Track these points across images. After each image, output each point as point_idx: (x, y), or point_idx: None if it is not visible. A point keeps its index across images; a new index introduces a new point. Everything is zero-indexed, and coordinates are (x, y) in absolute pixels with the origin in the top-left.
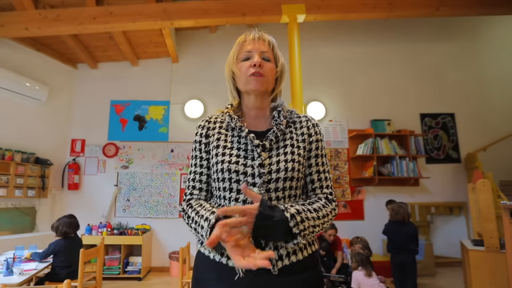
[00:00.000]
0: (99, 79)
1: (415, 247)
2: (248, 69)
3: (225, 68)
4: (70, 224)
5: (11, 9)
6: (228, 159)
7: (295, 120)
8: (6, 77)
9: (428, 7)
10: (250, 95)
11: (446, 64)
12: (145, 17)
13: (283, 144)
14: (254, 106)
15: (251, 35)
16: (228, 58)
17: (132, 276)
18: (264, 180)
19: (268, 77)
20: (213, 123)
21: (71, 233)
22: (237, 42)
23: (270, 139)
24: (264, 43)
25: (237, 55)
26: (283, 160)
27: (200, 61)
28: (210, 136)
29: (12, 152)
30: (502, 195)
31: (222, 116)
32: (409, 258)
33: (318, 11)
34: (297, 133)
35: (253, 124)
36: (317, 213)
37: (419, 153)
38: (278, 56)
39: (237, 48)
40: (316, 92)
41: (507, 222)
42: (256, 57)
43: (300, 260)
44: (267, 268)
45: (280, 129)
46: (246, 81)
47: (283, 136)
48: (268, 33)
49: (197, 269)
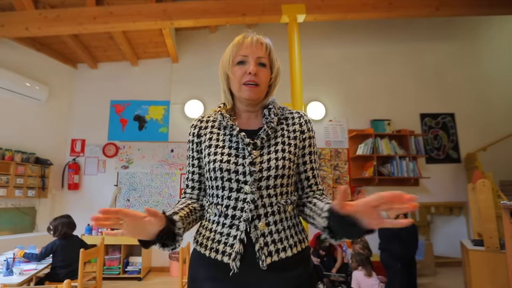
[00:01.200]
0: (99, 79)
1: (393, 246)
2: (242, 76)
3: (219, 68)
4: (69, 224)
5: (11, 9)
6: (219, 158)
7: (287, 117)
8: (6, 77)
9: (428, 7)
10: (242, 102)
11: (446, 64)
12: (145, 17)
13: (274, 142)
14: (246, 110)
15: (249, 37)
16: (222, 57)
17: (132, 276)
18: (255, 178)
19: (262, 85)
20: (206, 122)
21: (69, 233)
22: (234, 43)
23: (261, 138)
24: (261, 47)
25: (232, 58)
26: (274, 158)
27: (200, 61)
28: (202, 136)
29: (12, 152)
30: (502, 195)
31: (215, 115)
32: (388, 259)
33: (318, 11)
34: (288, 130)
35: (245, 123)
36: None
37: (419, 153)
38: (274, 61)
39: (233, 50)
40: (316, 92)
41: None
42: (252, 64)
43: (289, 256)
44: (257, 264)
45: (271, 127)
46: (240, 89)
47: (274, 133)
48: (267, 34)
49: (192, 267)
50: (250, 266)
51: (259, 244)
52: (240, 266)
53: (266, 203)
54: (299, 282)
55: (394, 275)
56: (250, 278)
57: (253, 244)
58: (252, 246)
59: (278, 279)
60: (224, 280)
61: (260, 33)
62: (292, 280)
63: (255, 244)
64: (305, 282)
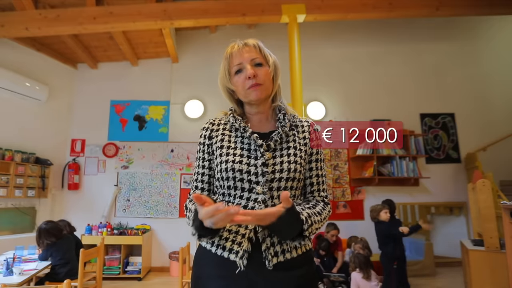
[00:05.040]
0: (99, 79)
1: (382, 246)
2: (244, 82)
3: (219, 85)
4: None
5: (11, 9)
6: (232, 159)
7: (298, 124)
8: (6, 77)
9: (428, 7)
10: (252, 104)
11: (446, 64)
12: (145, 17)
13: (286, 145)
14: (256, 112)
15: (235, 46)
16: (219, 74)
17: (132, 276)
18: (267, 179)
19: (265, 83)
20: (217, 125)
21: (53, 239)
22: (225, 57)
23: (275, 140)
24: (250, 49)
25: (228, 70)
26: (286, 161)
27: (200, 61)
28: (213, 138)
29: (12, 152)
30: (502, 195)
31: (226, 118)
32: (381, 257)
33: (318, 11)
34: (299, 137)
35: (256, 126)
36: (320, 217)
37: (419, 153)
38: (267, 56)
39: (226, 63)
40: (316, 92)
41: (507, 222)
42: (248, 68)
43: (294, 257)
44: (262, 263)
45: (284, 131)
46: (246, 94)
47: (286, 138)
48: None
49: (197, 264)
50: (255, 265)
51: (266, 244)
52: (246, 264)
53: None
54: (302, 282)
55: (386, 273)
56: (255, 277)
57: (259, 243)
58: (259, 245)
59: (282, 279)
60: (230, 278)
61: (260, 33)
62: (295, 280)
63: (262, 244)
64: (308, 282)
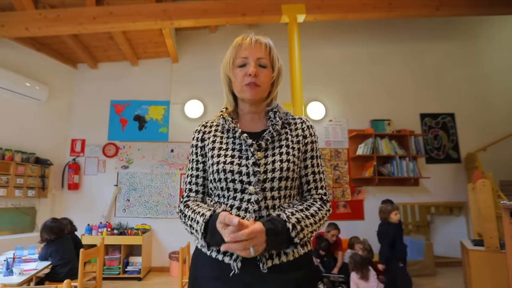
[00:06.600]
0: (99, 79)
1: (390, 247)
2: (243, 78)
3: (221, 70)
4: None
5: (11, 9)
6: (223, 160)
7: (290, 122)
8: (6, 77)
9: (428, 7)
10: (245, 102)
11: (446, 64)
12: (145, 17)
13: (278, 144)
14: (249, 111)
15: (248, 38)
16: (224, 60)
17: (132, 276)
18: (259, 178)
19: (263, 86)
20: (209, 127)
21: (53, 237)
22: (234, 45)
23: (266, 139)
24: (261, 47)
25: (233, 60)
26: (278, 160)
27: (200, 61)
28: (206, 140)
29: (12, 152)
30: (502, 195)
31: (218, 120)
32: (389, 258)
33: (318, 11)
34: (292, 135)
35: (248, 126)
36: (314, 218)
37: (419, 153)
38: (275, 60)
39: (233, 52)
40: (316, 92)
41: (507, 222)
42: (252, 65)
43: (291, 260)
44: (257, 265)
45: (276, 129)
46: (241, 90)
47: (278, 136)
48: (267, 34)
49: (193, 266)
50: (250, 267)
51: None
52: (240, 267)
53: (269, 205)
54: (299, 284)
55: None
56: (250, 279)
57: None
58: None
59: (279, 281)
60: (224, 280)
61: (260, 33)
62: (293, 283)
63: None
64: (306, 285)
